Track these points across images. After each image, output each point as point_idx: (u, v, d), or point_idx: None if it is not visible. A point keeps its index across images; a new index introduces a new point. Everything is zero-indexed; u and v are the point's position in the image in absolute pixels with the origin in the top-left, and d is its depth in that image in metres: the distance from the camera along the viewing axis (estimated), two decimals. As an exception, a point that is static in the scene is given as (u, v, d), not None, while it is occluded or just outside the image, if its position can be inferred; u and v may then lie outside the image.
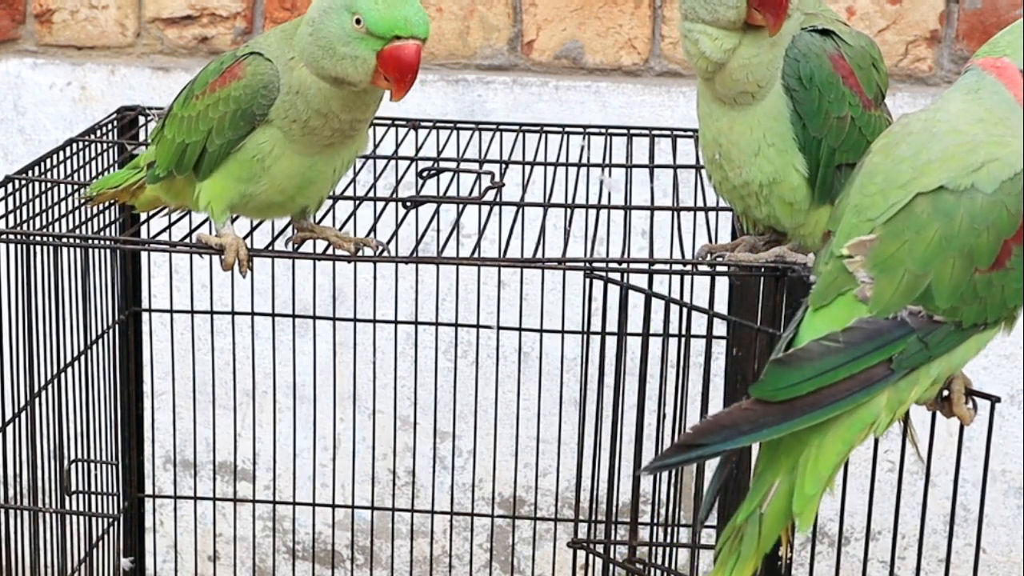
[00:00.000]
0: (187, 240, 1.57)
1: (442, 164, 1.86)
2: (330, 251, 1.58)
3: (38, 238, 1.61)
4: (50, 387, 1.78)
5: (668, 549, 1.69)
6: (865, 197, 1.28)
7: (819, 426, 1.24)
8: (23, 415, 1.67)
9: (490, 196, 1.70)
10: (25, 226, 1.65)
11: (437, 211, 1.69)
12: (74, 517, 1.84)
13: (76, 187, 1.74)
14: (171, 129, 1.57)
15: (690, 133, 1.97)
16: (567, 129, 1.99)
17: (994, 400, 1.33)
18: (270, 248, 1.55)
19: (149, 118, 1.99)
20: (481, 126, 2.01)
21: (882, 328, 1.22)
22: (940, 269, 1.22)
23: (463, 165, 1.84)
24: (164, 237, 1.60)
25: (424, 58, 2.41)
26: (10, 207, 1.66)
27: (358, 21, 1.42)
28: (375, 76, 1.43)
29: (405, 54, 1.41)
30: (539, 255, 1.57)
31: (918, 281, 1.22)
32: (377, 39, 1.42)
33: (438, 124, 2.01)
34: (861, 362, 1.22)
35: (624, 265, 1.49)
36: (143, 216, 1.81)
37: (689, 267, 1.49)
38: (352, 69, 1.44)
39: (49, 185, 1.72)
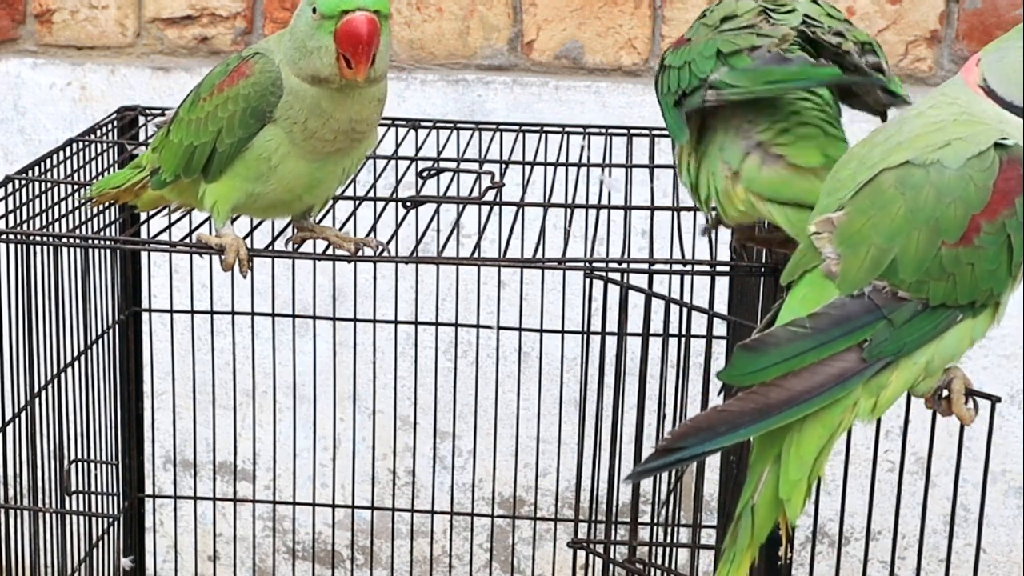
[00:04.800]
0: (187, 240, 1.57)
1: (442, 164, 1.86)
2: (330, 251, 1.58)
3: (38, 238, 1.61)
4: (50, 387, 1.78)
5: (668, 549, 1.69)
6: (838, 180, 1.29)
7: None
8: (23, 415, 1.67)
9: (490, 196, 1.70)
10: (25, 226, 1.65)
11: (437, 211, 1.69)
12: (74, 517, 1.84)
13: (76, 187, 1.74)
14: (177, 133, 1.58)
15: (690, 133, 1.97)
16: (567, 129, 1.99)
17: (994, 400, 1.33)
18: (270, 248, 1.55)
19: (149, 119, 1.99)
20: (481, 126, 2.01)
21: (850, 314, 1.23)
22: (905, 242, 1.22)
23: (463, 165, 1.84)
24: (164, 237, 1.60)
25: (424, 58, 2.42)
26: (10, 207, 1.66)
27: (314, 11, 1.43)
28: (340, 64, 1.44)
29: (352, 25, 1.41)
30: (539, 255, 1.57)
31: (883, 255, 1.23)
32: (329, 20, 1.42)
33: (438, 124, 2.01)
34: (828, 348, 1.22)
35: (624, 265, 1.49)
36: (143, 216, 1.81)
37: (689, 267, 1.49)
38: (318, 61, 1.45)
39: (49, 185, 1.72)
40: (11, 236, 1.58)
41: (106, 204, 1.76)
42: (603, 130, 1.98)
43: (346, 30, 1.42)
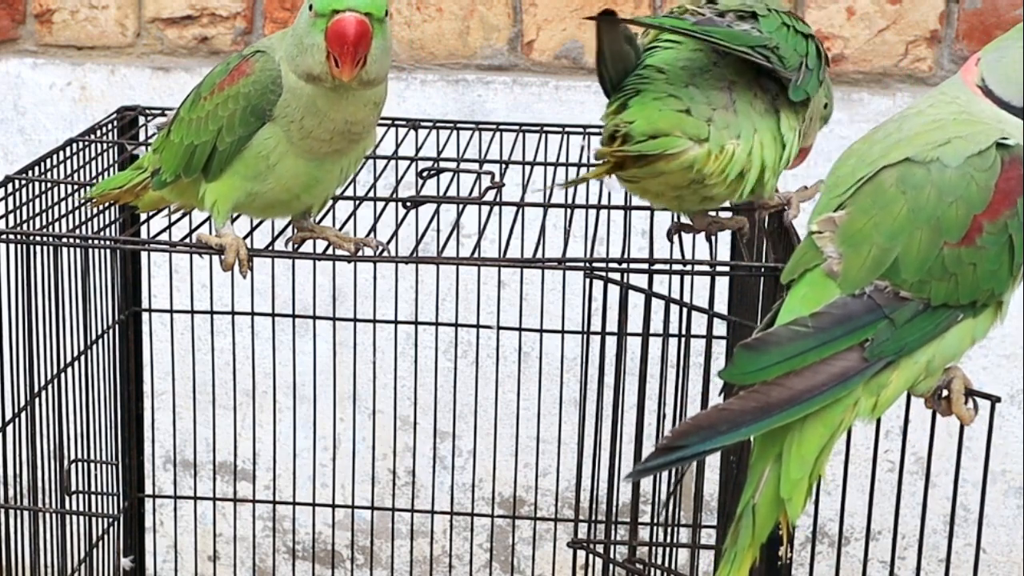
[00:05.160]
0: (187, 240, 1.57)
1: (442, 164, 1.86)
2: (330, 251, 1.58)
3: (38, 238, 1.61)
4: (50, 387, 1.78)
5: (668, 549, 1.69)
6: (838, 177, 1.30)
7: None
8: (23, 415, 1.67)
9: (490, 196, 1.70)
10: (25, 226, 1.65)
11: (437, 211, 1.69)
12: (74, 517, 1.84)
13: (76, 187, 1.74)
14: (178, 133, 1.58)
15: (690, 133, 1.96)
16: (567, 129, 1.99)
17: (994, 400, 1.33)
18: (270, 248, 1.55)
19: (149, 119, 1.99)
20: (481, 126, 2.01)
21: (852, 313, 1.23)
22: (907, 241, 1.23)
23: (463, 165, 1.84)
24: (164, 237, 1.60)
25: (424, 58, 2.42)
26: (10, 207, 1.66)
27: (311, 8, 1.43)
28: (329, 63, 1.44)
29: (340, 25, 1.41)
30: (539, 255, 1.57)
31: (885, 255, 1.23)
32: (322, 18, 1.42)
33: (438, 124, 2.01)
34: (829, 347, 1.22)
35: (624, 265, 1.49)
36: (143, 216, 1.81)
37: (689, 267, 1.49)
38: (311, 59, 1.45)
39: (49, 185, 1.72)
40: (11, 236, 1.58)
41: (106, 204, 1.76)
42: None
43: (334, 29, 1.41)
